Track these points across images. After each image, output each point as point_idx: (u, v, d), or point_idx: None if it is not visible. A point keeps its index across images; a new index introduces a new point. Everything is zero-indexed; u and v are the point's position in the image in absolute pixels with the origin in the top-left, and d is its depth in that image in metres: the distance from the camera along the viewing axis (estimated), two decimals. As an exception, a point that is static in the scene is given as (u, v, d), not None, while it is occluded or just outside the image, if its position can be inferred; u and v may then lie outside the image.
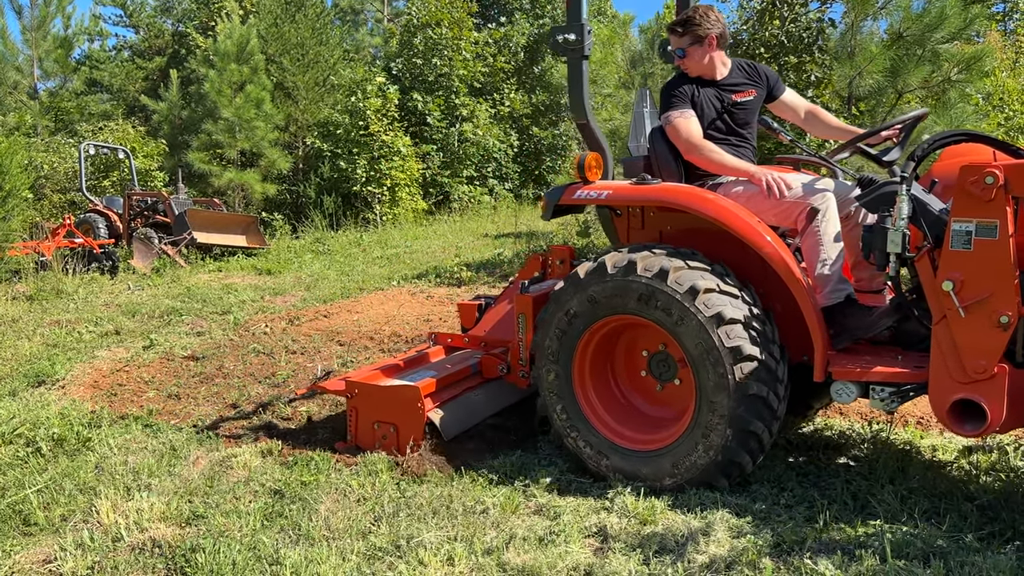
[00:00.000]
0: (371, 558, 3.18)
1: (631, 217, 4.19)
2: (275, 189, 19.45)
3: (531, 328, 4.25)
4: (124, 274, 12.28)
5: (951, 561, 2.90)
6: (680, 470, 3.67)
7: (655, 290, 3.58)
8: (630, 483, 3.73)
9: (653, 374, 3.96)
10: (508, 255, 11.87)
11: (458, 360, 4.99)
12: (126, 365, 6.63)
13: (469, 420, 4.52)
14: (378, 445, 4.32)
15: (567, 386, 3.95)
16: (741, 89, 4.10)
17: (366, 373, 4.73)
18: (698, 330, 3.50)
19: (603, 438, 3.90)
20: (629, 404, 4.07)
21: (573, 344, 3.90)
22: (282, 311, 8.89)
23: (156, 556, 3.28)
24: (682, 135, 3.93)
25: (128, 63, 27.83)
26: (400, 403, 4.28)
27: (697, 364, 3.56)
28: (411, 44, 20.47)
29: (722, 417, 3.52)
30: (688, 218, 3.85)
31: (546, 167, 22.23)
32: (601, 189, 4.01)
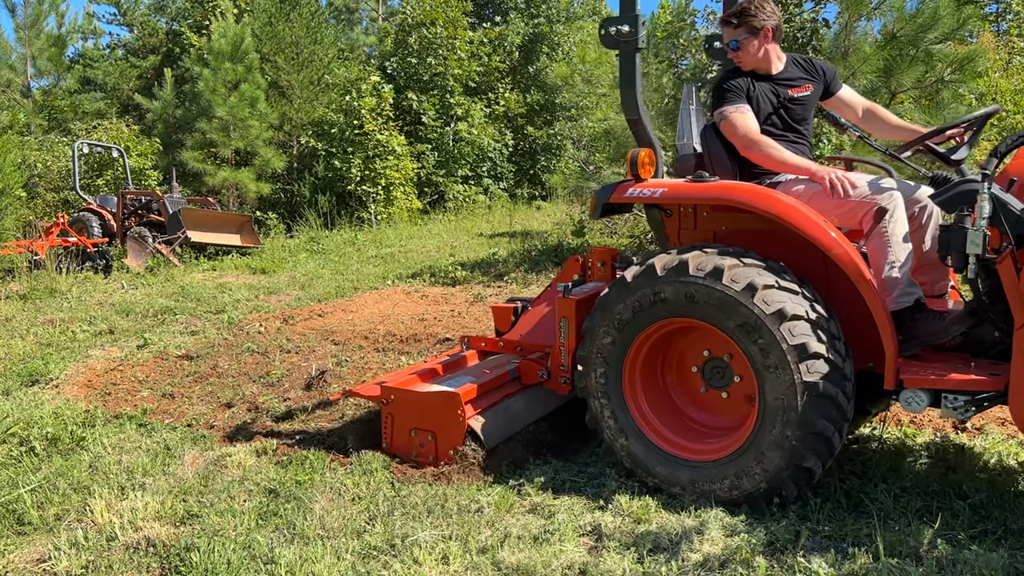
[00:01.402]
0: (366, 557, 3.19)
1: (682, 217, 3.99)
2: (269, 188, 19.42)
3: (574, 332, 4.13)
4: (118, 273, 12.25)
5: (943, 559, 2.92)
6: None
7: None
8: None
9: (707, 381, 3.77)
10: (503, 254, 11.87)
11: (495, 365, 4.81)
12: (120, 364, 6.62)
13: (510, 428, 4.32)
14: (415, 454, 4.20)
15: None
16: (797, 84, 3.94)
17: (402, 378, 4.56)
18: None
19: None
20: (684, 413, 3.88)
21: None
22: (276, 310, 8.88)
23: (150, 555, 3.28)
24: (739, 131, 3.76)
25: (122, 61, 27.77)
26: (439, 410, 4.13)
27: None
28: (406, 43, 20.47)
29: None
30: (744, 218, 3.70)
31: (541, 166, 22.25)
32: (655, 187, 3.80)
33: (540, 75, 22.50)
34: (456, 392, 4.14)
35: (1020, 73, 11.98)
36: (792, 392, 3.28)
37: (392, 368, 6.17)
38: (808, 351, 3.26)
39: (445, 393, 4.20)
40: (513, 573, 3.03)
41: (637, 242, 10.90)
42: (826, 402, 3.27)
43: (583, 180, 11.17)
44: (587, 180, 11.00)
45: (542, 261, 11.13)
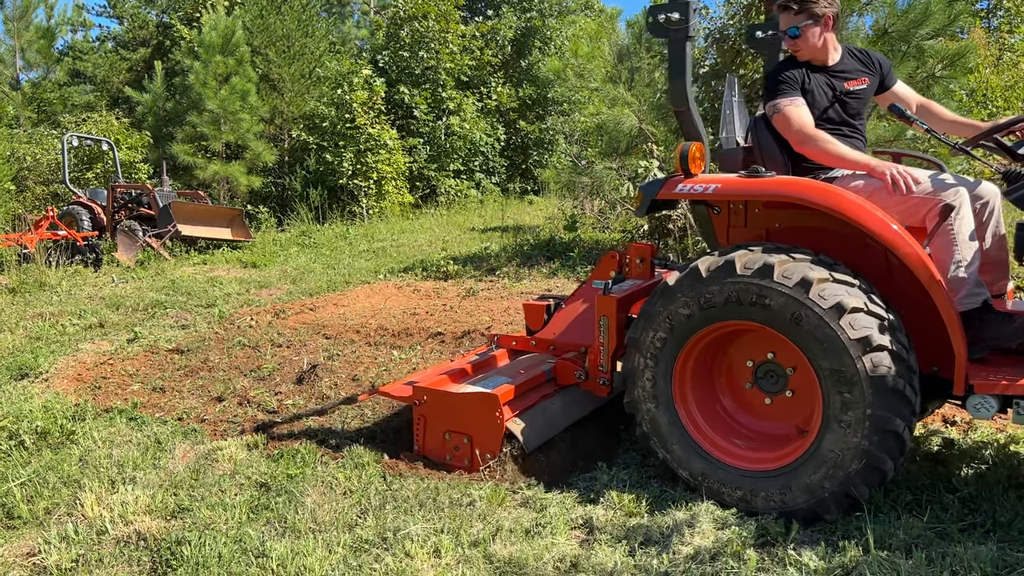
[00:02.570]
0: (357, 550, 3.19)
1: (732, 214, 3.82)
2: (260, 182, 19.37)
3: (614, 332, 3.99)
4: (108, 267, 12.19)
5: (933, 552, 2.93)
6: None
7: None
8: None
9: (761, 386, 3.60)
10: (495, 249, 11.87)
11: (529, 365, 4.61)
12: (110, 358, 6.59)
13: (548, 431, 4.16)
14: (448, 457, 4.05)
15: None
16: (853, 76, 3.78)
17: (433, 378, 4.38)
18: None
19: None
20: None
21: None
22: (267, 304, 8.86)
23: (141, 549, 3.27)
24: (793, 125, 3.60)
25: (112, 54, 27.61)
26: (476, 412, 3.96)
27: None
28: (398, 37, 20.41)
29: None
30: (800, 214, 3.56)
31: (533, 161, 22.24)
32: (707, 182, 3.60)
33: (532, 69, 22.49)
34: (494, 393, 3.96)
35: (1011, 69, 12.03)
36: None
37: (384, 362, 6.16)
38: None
39: (482, 394, 4.01)
40: (505, 566, 3.03)
41: (629, 237, 10.91)
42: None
43: (575, 175, 11.17)
44: (579, 175, 11.00)
45: (534, 256, 11.13)
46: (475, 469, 3.94)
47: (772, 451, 3.50)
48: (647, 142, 9.88)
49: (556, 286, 9.31)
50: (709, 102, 10.42)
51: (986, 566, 2.80)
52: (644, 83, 10.37)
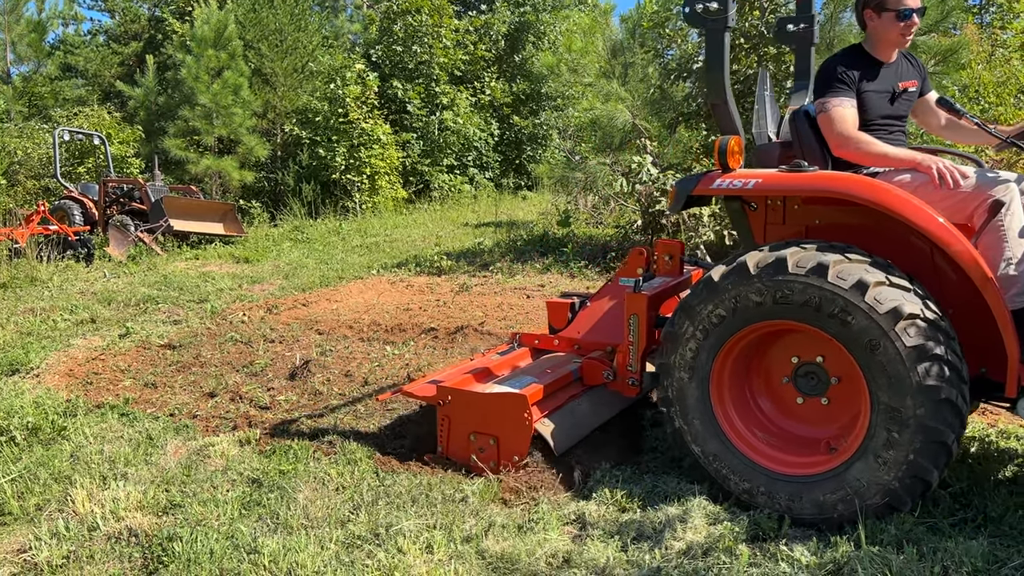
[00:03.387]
0: (350, 546, 3.18)
1: (770, 211, 3.69)
2: (253, 176, 19.30)
3: (644, 331, 3.90)
4: (99, 262, 12.14)
5: (924, 547, 2.94)
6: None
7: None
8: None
9: (801, 388, 3.47)
10: (489, 244, 11.86)
11: (555, 364, 4.50)
12: (102, 353, 6.57)
13: (577, 432, 4.04)
14: (474, 459, 3.92)
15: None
16: (907, 77, 3.71)
17: (457, 377, 4.27)
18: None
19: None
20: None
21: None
22: (260, 299, 8.84)
23: (132, 545, 3.26)
24: (835, 127, 3.51)
25: (103, 48, 27.46)
26: (503, 412, 3.84)
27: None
28: (391, 31, 20.35)
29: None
30: (842, 211, 3.45)
31: (527, 156, 22.22)
32: (747, 177, 3.48)
33: (526, 64, 22.45)
34: (523, 393, 3.85)
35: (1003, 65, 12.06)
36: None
37: (377, 358, 6.16)
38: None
39: (510, 394, 3.90)
40: (497, 562, 3.03)
41: (623, 232, 10.92)
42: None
43: (569, 170, 11.17)
44: (572, 170, 11.00)
45: (528, 251, 11.13)
46: (501, 471, 3.82)
47: (792, 455, 3.42)
48: (641, 137, 9.88)
49: (549, 281, 9.31)
50: (703, 98, 10.42)
51: (977, 561, 2.81)
52: (638, 78, 10.37)
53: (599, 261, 10.10)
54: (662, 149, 9.85)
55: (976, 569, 2.78)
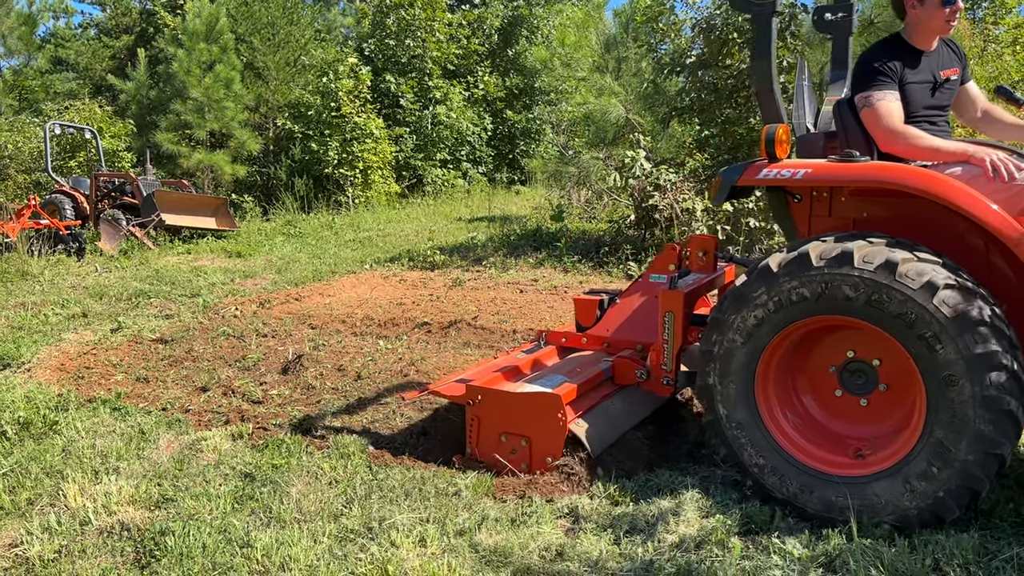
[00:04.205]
0: (343, 540, 3.18)
1: (815, 203, 3.58)
2: (245, 171, 19.23)
3: (680, 328, 3.81)
4: (91, 256, 12.10)
5: (915, 539, 2.96)
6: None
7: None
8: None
9: (843, 382, 3.37)
10: (482, 239, 11.85)
11: (586, 363, 4.39)
12: (93, 348, 6.55)
13: (612, 433, 3.91)
14: (505, 460, 3.82)
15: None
16: (948, 66, 3.60)
17: (486, 375, 4.17)
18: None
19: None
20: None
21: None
22: (252, 294, 8.82)
23: (125, 539, 3.25)
24: (882, 121, 3.41)
25: (94, 41, 27.29)
26: (536, 412, 3.73)
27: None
28: (383, 25, 20.27)
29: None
30: (891, 203, 3.36)
31: (520, 151, 22.20)
32: (795, 167, 3.36)
33: (519, 59, 22.40)
34: (557, 393, 3.75)
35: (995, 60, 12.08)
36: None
37: (370, 352, 6.15)
38: (992, 362, 2.87)
39: (543, 394, 3.79)
40: (490, 555, 3.03)
41: (616, 227, 10.92)
42: (1004, 417, 2.90)
43: (562, 165, 11.17)
44: (566, 165, 11.00)
45: (521, 246, 11.12)
46: (534, 473, 3.73)
47: (816, 445, 3.36)
48: (634, 132, 9.87)
49: (543, 276, 9.31)
50: (696, 92, 10.42)
51: (968, 553, 2.82)
52: (631, 73, 10.37)
53: (592, 256, 10.11)
54: (655, 144, 9.85)
55: (967, 561, 2.80)
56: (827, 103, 3.87)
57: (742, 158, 9.46)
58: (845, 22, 3.98)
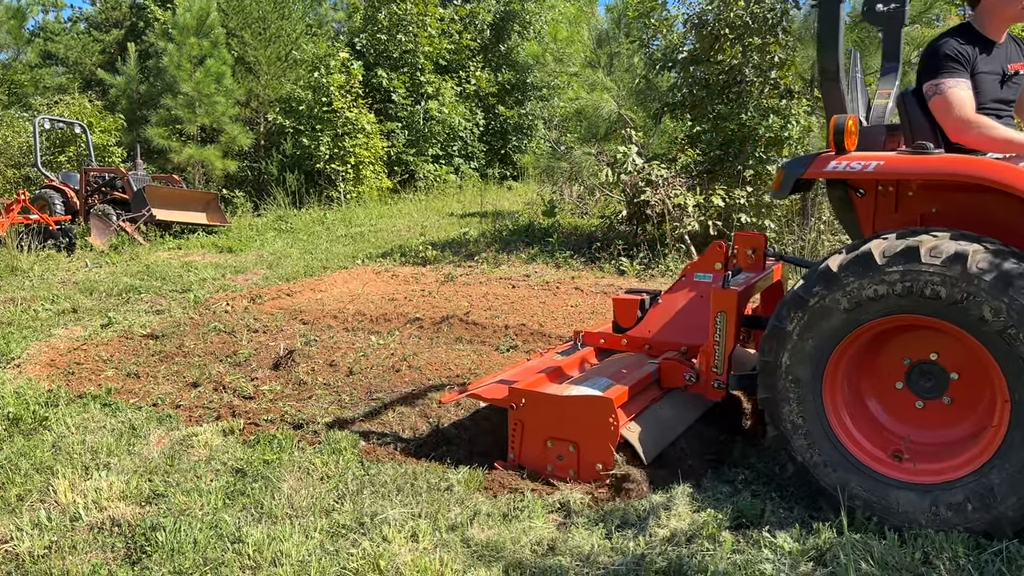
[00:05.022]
0: (334, 535, 3.18)
1: (880, 197, 3.42)
2: (236, 166, 19.17)
3: (733, 329, 3.67)
4: (81, 251, 12.04)
5: (905, 533, 2.97)
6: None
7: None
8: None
9: (909, 379, 3.21)
10: (474, 234, 11.84)
11: (630, 365, 4.21)
12: (83, 343, 6.52)
13: (664, 439, 3.74)
14: (550, 467, 3.67)
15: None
16: (1015, 60, 3.48)
17: (528, 377, 3.98)
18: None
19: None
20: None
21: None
22: (243, 289, 8.79)
23: (115, 535, 3.24)
24: (954, 110, 3.26)
25: (84, 35, 27.14)
26: (586, 417, 3.57)
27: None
28: (375, 19, 20.21)
29: None
30: (964, 198, 3.22)
31: (512, 146, 22.17)
32: (866, 159, 3.19)
33: (511, 54, 22.37)
34: (608, 396, 3.59)
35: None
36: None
37: (362, 348, 6.14)
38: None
39: (594, 397, 3.63)
40: (482, 550, 3.03)
41: (608, 222, 10.93)
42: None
43: (554, 160, 11.17)
44: (558, 160, 11.00)
45: (513, 241, 11.12)
46: (582, 481, 3.58)
47: (865, 435, 3.24)
48: (626, 127, 9.87)
49: (535, 271, 9.31)
50: (688, 88, 10.43)
51: (957, 547, 2.84)
52: (623, 68, 10.37)
53: (584, 251, 10.11)
54: (647, 139, 9.86)
55: (956, 555, 2.81)
56: (879, 96, 3.78)
57: (734, 154, 9.48)
58: (898, 13, 3.84)
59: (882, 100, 3.71)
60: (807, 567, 2.82)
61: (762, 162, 9.17)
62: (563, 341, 5.78)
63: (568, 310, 7.32)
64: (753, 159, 9.22)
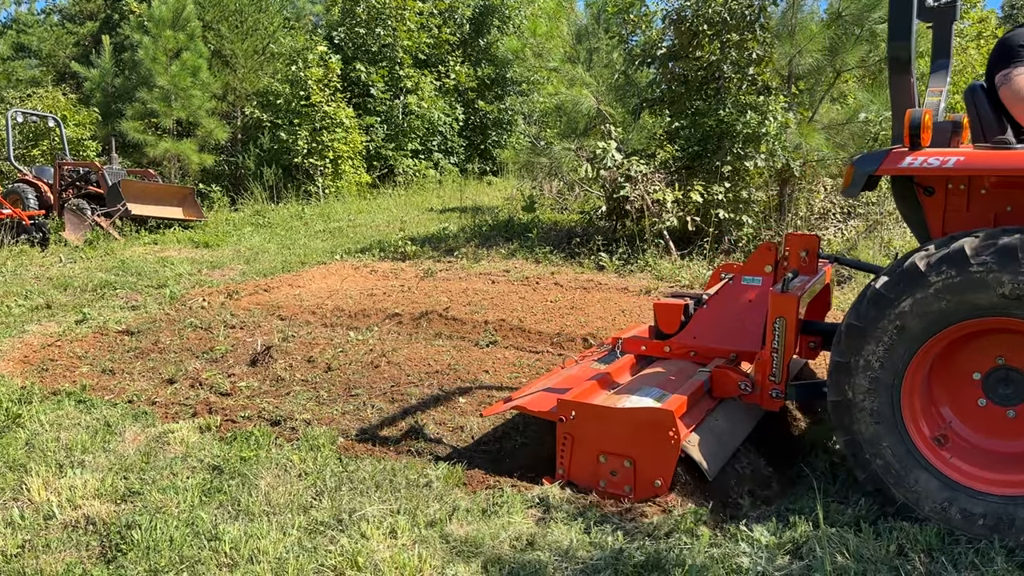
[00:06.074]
0: (312, 532, 3.16)
1: (950, 196, 3.27)
2: (213, 160, 18.98)
3: (793, 335, 3.52)
4: (55, 246, 11.89)
5: (880, 526, 3.01)
6: None
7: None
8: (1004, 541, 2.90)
9: (986, 385, 3.09)
10: (453, 230, 11.82)
11: (678, 373, 4.01)
12: (58, 340, 6.44)
13: (723, 453, 3.55)
14: (603, 483, 3.47)
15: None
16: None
17: (580, 389, 3.76)
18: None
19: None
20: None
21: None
22: (220, 285, 8.72)
23: (90, 533, 3.21)
24: None
25: (58, 28, 26.78)
26: (644, 430, 3.35)
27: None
28: (353, 13, 20.07)
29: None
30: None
31: (492, 141, 22.13)
32: (944, 155, 3.03)
33: (491, 48, 22.30)
34: (668, 408, 3.37)
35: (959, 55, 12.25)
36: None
37: (340, 343, 6.11)
38: None
39: (653, 409, 3.41)
40: (461, 545, 3.03)
41: (587, 218, 10.94)
42: None
43: (534, 156, 11.15)
44: (537, 156, 10.98)
45: (492, 236, 11.11)
46: (639, 498, 3.37)
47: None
48: (605, 123, 9.89)
49: (514, 267, 9.31)
50: (667, 84, 10.45)
51: (931, 539, 2.88)
52: (602, 64, 10.36)
53: (564, 247, 10.12)
54: (626, 135, 9.87)
55: (931, 547, 2.85)
56: (930, 93, 3.69)
57: (712, 150, 9.52)
58: (949, 9, 3.70)
59: (934, 97, 3.54)
60: (784, 560, 2.85)
61: (740, 158, 9.21)
62: (589, 345, 5.65)
63: (548, 305, 7.33)
64: (731, 155, 9.26)
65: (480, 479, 3.70)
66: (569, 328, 6.43)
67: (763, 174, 9.45)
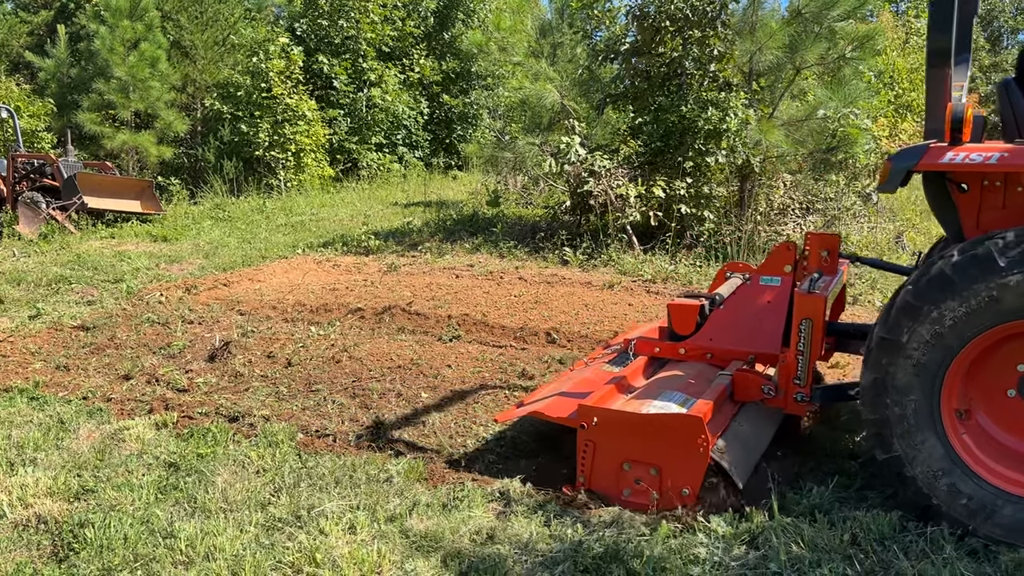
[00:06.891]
0: (270, 529, 3.13)
1: (986, 193, 3.15)
2: (172, 152, 18.67)
3: (820, 336, 3.43)
4: (8, 240, 11.63)
5: (835, 516, 3.06)
6: None
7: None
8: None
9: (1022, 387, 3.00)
10: (418, 224, 11.77)
11: (697, 376, 3.89)
12: (10, 335, 6.30)
13: (750, 460, 3.43)
14: (627, 492, 3.34)
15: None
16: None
17: (599, 393, 3.61)
18: None
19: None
20: (995, 437, 3.07)
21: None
22: (178, 279, 8.60)
23: (41, 532, 3.14)
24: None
25: (11, 16, 26.09)
26: (670, 437, 3.22)
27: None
28: (316, 4, 19.87)
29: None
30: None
31: (457, 135, 22.06)
32: (986, 151, 2.93)
33: (456, 42, 22.22)
34: (697, 415, 3.23)
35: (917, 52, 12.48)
36: None
37: (301, 339, 6.05)
38: None
39: (680, 416, 3.30)
40: (421, 540, 3.02)
41: (552, 212, 10.95)
42: None
43: (498, 150, 11.13)
44: (502, 150, 10.96)
45: (457, 231, 11.08)
46: (665, 507, 3.23)
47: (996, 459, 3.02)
48: (569, 118, 9.91)
49: (479, 261, 9.29)
50: (630, 79, 10.49)
51: (884, 528, 2.93)
52: (567, 59, 10.37)
53: (528, 241, 10.13)
54: (590, 130, 9.90)
55: (883, 536, 2.90)
56: (953, 88, 3.60)
57: (674, 146, 9.58)
58: (970, 3, 3.66)
59: (956, 92, 3.45)
60: (740, 550, 2.88)
61: (701, 154, 9.28)
62: (595, 345, 5.48)
63: (512, 300, 7.33)
64: (693, 151, 9.33)
65: (441, 474, 3.70)
66: (533, 323, 6.44)
67: (724, 170, 9.54)
